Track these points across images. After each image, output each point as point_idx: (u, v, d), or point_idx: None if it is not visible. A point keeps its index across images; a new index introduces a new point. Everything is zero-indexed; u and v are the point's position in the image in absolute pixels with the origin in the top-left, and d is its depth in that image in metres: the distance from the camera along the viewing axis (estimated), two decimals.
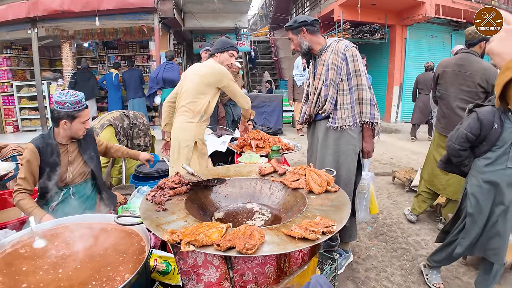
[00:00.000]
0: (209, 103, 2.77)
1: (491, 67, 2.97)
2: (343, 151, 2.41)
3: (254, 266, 1.41)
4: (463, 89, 3.04)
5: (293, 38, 2.45)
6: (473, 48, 3.06)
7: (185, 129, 2.74)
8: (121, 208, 2.53)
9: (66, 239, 1.80)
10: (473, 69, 2.97)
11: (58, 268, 1.53)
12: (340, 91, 2.36)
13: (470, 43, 3.06)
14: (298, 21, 2.38)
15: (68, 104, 2.18)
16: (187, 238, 1.21)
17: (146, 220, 1.45)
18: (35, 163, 2.24)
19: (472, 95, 2.99)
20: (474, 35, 3.00)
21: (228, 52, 2.91)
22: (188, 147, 2.73)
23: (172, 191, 1.76)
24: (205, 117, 2.80)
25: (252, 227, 1.29)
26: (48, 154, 2.26)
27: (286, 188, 1.89)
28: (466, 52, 3.08)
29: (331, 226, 1.29)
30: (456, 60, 3.12)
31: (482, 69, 2.95)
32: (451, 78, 3.13)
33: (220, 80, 2.78)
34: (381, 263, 2.81)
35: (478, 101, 2.97)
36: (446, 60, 3.28)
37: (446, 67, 3.19)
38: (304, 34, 2.40)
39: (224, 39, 3.02)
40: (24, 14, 7.23)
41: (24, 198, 2.20)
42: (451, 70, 3.14)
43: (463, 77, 3.03)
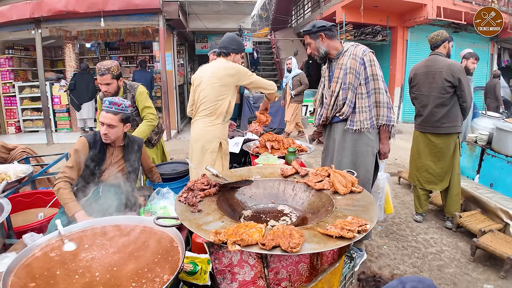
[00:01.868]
0: (230, 102, 2.84)
1: (455, 63, 3.26)
2: (361, 152, 2.48)
3: (289, 264, 1.48)
4: (433, 87, 3.30)
5: (311, 42, 2.51)
6: (437, 49, 3.37)
7: (209, 132, 2.81)
8: (142, 210, 2.58)
9: (96, 242, 1.78)
10: (439, 67, 3.26)
11: (94, 272, 1.51)
12: (359, 94, 2.43)
13: (435, 46, 3.38)
14: (317, 26, 2.45)
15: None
16: (232, 238, 1.28)
17: (185, 221, 1.50)
18: (82, 155, 2.35)
19: (440, 90, 3.25)
20: (437, 38, 3.34)
21: (241, 54, 2.95)
22: (213, 149, 2.80)
23: (203, 192, 1.82)
24: (228, 117, 2.88)
25: (290, 227, 1.35)
26: (96, 150, 2.39)
27: (310, 189, 1.96)
28: (433, 54, 3.39)
29: (364, 225, 1.36)
30: (425, 62, 3.44)
31: (447, 65, 3.22)
32: (422, 79, 3.41)
33: (240, 79, 2.82)
34: (394, 261, 2.89)
35: (447, 95, 3.22)
36: (416, 64, 3.61)
37: (417, 70, 3.49)
38: (323, 39, 2.47)
39: (236, 38, 2.96)
40: (28, 14, 7.23)
41: (66, 188, 2.25)
42: (420, 72, 3.43)
43: (432, 76, 3.31)
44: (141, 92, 3.24)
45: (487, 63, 11.16)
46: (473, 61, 4.30)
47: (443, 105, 3.25)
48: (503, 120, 3.95)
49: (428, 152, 3.43)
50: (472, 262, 2.86)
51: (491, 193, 3.53)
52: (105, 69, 3.00)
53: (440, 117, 3.27)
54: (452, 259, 2.91)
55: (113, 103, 2.35)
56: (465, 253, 2.99)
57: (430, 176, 3.45)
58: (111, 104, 2.34)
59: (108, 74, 3.00)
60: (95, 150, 2.38)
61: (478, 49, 9.91)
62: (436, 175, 3.42)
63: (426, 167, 3.45)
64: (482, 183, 3.89)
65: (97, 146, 2.40)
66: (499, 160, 3.68)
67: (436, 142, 3.35)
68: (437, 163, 3.40)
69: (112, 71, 3.02)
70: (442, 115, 3.26)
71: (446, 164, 3.36)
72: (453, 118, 3.27)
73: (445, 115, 3.26)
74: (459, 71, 3.17)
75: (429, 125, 3.36)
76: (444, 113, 3.26)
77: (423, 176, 3.50)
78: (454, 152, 3.35)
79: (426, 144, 3.43)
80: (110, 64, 3.04)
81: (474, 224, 3.17)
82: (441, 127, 3.29)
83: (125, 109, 2.41)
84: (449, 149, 3.33)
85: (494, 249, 2.68)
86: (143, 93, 3.25)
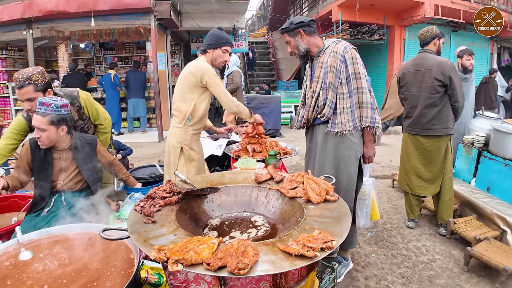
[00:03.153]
0: (195, 105, 2.61)
1: (446, 61, 3.07)
2: (344, 156, 2.32)
3: (249, 282, 1.32)
4: (422, 86, 3.13)
5: (290, 40, 2.36)
6: (427, 46, 3.20)
7: (172, 134, 2.69)
8: (112, 216, 2.43)
9: (53, 252, 1.72)
10: (428, 65, 3.08)
11: (43, 284, 1.45)
12: (340, 94, 2.27)
13: (424, 43, 3.21)
14: (295, 23, 2.30)
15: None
16: (175, 256, 1.12)
17: (133, 234, 1.36)
18: (25, 159, 2.23)
19: (430, 90, 3.08)
20: (426, 35, 3.16)
21: (221, 48, 2.62)
22: (175, 153, 2.66)
23: (163, 201, 1.67)
24: (193, 120, 2.65)
25: (246, 243, 1.20)
26: (40, 154, 2.23)
27: (283, 196, 1.80)
28: (422, 51, 3.22)
29: (330, 242, 1.20)
30: (413, 61, 3.26)
31: (436, 63, 3.04)
32: (411, 78, 3.23)
33: (202, 79, 2.54)
34: (381, 270, 2.73)
35: (437, 95, 3.05)
36: (405, 63, 3.44)
37: (405, 69, 3.30)
38: (302, 36, 2.32)
39: (216, 32, 2.65)
40: (19, 15, 7.16)
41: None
42: (409, 71, 3.24)
43: (421, 75, 3.13)
44: (85, 99, 2.70)
45: (486, 62, 10.98)
46: (468, 57, 4.13)
47: (433, 106, 3.09)
48: (501, 121, 3.77)
49: (418, 156, 3.26)
50: (466, 272, 2.69)
51: (487, 198, 3.36)
52: (24, 79, 2.24)
53: (430, 118, 3.11)
54: (445, 268, 2.74)
55: (42, 103, 2.09)
56: (458, 262, 2.82)
57: (420, 180, 3.29)
58: (40, 105, 2.10)
59: (29, 85, 2.26)
60: (39, 154, 2.23)
61: (477, 48, 9.75)
62: (426, 179, 3.25)
63: (416, 171, 3.29)
64: (479, 187, 3.72)
65: (41, 150, 2.22)
66: (496, 163, 3.51)
67: (426, 145, 3.19)
68: (427, 167, 3.23)
69: (35, 80, 2.28)
70: (432, 116, 3.10)
71: (436, 168, 3.20)
72: (444, 119, 3.10)
73: (435, 116, 3.09)
74: (450, 69, 3.00)
75: (418, 126, 3.20)
76: (434, 114, 3.09)
77: (412, 180, 3.34)
78: (446, 155, 3.18)
79: (416, 147, 3.27)
80: (32, 72, 2.30)
81: (469, 231, 3.00)
82: (431, 129, 3.12)
83: (56, 110, 2.13)
84: (439, 152, 3.16)
85: (489, 259, 2.51)
86: (88, 99, 2.72)
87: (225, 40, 2.62)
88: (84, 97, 2.68)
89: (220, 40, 2.60)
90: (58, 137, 2.20)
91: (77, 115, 2.65)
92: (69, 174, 2.31)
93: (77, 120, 2.68)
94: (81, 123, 2.72)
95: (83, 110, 2.67)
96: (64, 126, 2.20)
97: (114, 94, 8.78)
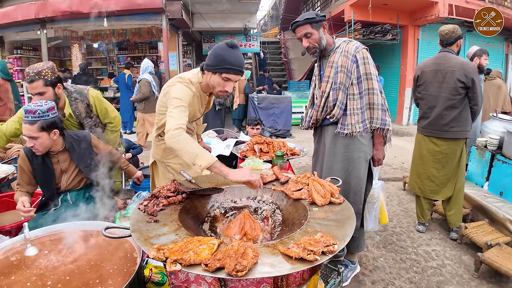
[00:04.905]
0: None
1: (468, 62, 2.99)
2: (353, 158, 2.28)
3: (249, 284, 1.31)
4: (443, 87, 3.02)
5: (313, 32, 2.20)
6: (450, 47, 3.08)
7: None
8: (119, 214, 2.45)
9: (57, 248, 1.75)
10: (450, 65, 2.98)
11: (46, 280, 1.48)
12: (350, 95, 2.23)
13: (447, 43, 3.08)
14: (320, 15, 2.20)
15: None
16: (174, 255, 1.11)
17: (135, 232, 1.36)
18: (25, 169, 2.21)
19: (451, 91, 2.97)
20: (451, 35, 3.03)
21: (221, 75, 1.95)
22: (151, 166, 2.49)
23: (167, 200, 1.67)
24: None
25: (246, 244, 1.19)
26: (38, 161, 2.20)
27: (288, 198, 1.78)
28: (444, 51, 3.10)
29: (332, 245, 1.18)
30: (434, 60, 3.14)
31: (459, 64, 2.94)
32: (430, 78, 3.12)
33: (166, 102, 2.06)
34: (389, 275, 2.68)
35: (458, 97, 2.94)
36: (424, 61, 3.30)
37: (425, 68, 3.19)
38: (325, 29, 2.24)
39: (220, 51, 1.94)
40: (33, 15, 7.24)
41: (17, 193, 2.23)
42: (429, 70, 3.13)
43: (442, 75, 3.02)
44: (95, 97, 2.70)
45: (502, 63, 10.70)
46: (486, 57, 4.02)
47: (454, 108, 2.99)
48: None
49: (432, 158, 3.17)
50: (476, 278, 2.62)
51: (500, 202, 3.26)
52: (34, 74, 2.29)
53: (449, 120, 3.00)
54: (454, 274, 2.68)
55: (28, 111, 2.01)
56: (469, 268, 2.75)
57: (432, 184, 3.20)
58: (26, 113, 2.02)
59: (39, 80, 2.31)
60: (37, 161, 2.19)
61: (492, 49, 9.49)
62: (439, 183, 3.17)
63: (428, 174, 3.20)
64: (492, 191, 3.62)
65: (38, 157, 2.19)
66: (510, 167, 3.41)
67: (442, 148, 3.09)
68: (440, 170, 3.14)
69: (45, 75, 2.33)
70: (452, 118, 2.99)
71: (450, 171, 3.11)
72: (463, 122, 3.00)
73: (454, 118, 2.99)
74: (473, 71, 2.90)
75: (436, 128, 3.09)
76: (454, 116, 2.99)
77: (425, 184, 3.25)
78: (460, 158, 3.10)
79: (430, 149, 3.17)
80: (42, 66, 2.33)
81: (481, 236, 2.92)
82: (449, 131, 3.02)
83: (43, 115, 2.05)
84: (455, 155, 3.08)
85: (499, 265, 2.44)
86: (97, 97, 2.72)
87: (228, 66, 1.93)
88: (93, 95, 2.69)
89: (221, 64, 1.93)
90: (52, 141, 2.16)
91: (84, 112, 2.67)
92: (70, 174, 2.31)
93: (84, 117, 2.69)
94: (89, 120, 2.73)
95: (92, 108, 2.69)
96: (55, 130, 2.15)
97: (127, 93, 8.86)
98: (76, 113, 2.65)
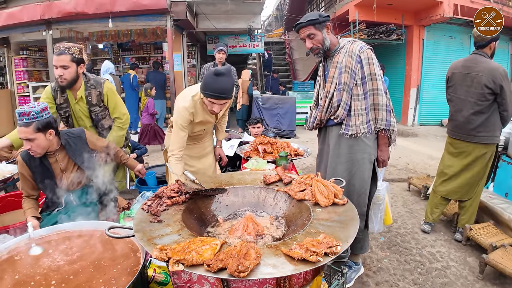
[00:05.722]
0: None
1: (498, 67, 2.88)
2: (357, 160, 2.27)
3: (252, 285, 1.31)
4: (470, 91, 2.95)
5: (316, 33, 2.21)
6: (482, 49, 2.98)
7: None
8: (123, 214, 2.46)
9: (61, 248, 1.76)
10: (479, 70, 2.90)
11: (50, 280, 1.49)
12: (354, 96, 2.21)
13: (480, 45, 2.98)
14: (323, 16, 2.20)
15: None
16: (177, 256, 1.12)
17: (138, 232, 1.37)
18: (25, 175, 2.21)
19: (479, 96, 2.90)
20: (484, 37, 2.92)
21: (207, 99, 2.32)
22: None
23: (170, 200, 1.67)
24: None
25: (249, 245, 1.19)
26: (36, 163, 2.20)
27: (291, 198, 1.78)
28: (475, 53, 3.01)
29: (335, 247, 1.17)
30: (464, 62, 3.05)
31: (488, 69, 2.86)
32: (459, 80, 3.05)
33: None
34: (393, 276, 2.67)
35: (486, 103, 2.87)
36: (455, 62, 3.20)
37: (455, 70, 3.11)
38: (328, 30, 2.24)
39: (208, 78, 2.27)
40: (39, 16, 7.29)
41: (24, 202, 2.22)
42: (459, 72, 3.06)
43: (470, 79, 2.95)
44: (109, 88, 2.83)
45: (507, 64, 10.61)
46: None
47: (481, 113, 2.91)
48: None
49: (459, 161, 3.11)
50: (481, 280, 2.59)
51: (505, 204, 3.24)
52: (64, 48, 2.54)
53: (476, 125, 2.93)
54: (459, 276, 2.66)
55: (22, 113, 2.01)
56: (473, 269, 2.73)
57: (456, 187, 3.14)
58: (20, 116, 2.01)
59: (67, 54, 2.54)
60: (35, 164, 2.19)
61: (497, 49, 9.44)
62: (463, 185, 3.11)
63: (452, 175, 3.15)
64: (497, 192, 3.59)
65: (35, 160, 2.19)
66: None
67: (470, 151, 3.02)
68: (466, 174, 3.08)
69: (73, 52, 2.56)
70: (479, 124, 2.92)
71: (475, 175, 3.05)
72: (491, 127, 2.92)
73: (482, 123, 2.92)
74: (502, 77, 2.81)
75: (463, 132, 3.02)
76: (481, 122, 2.92)
77: (446, 183, 3.20)
78: (487, 163, 3.04)
79: (458, 153, 3.11)
80: (72, 45, 2.59)
81: (486, 237, 2.90)
82: (476, 136, 2.95)
83: (38, 116, 2.05)
84: (483, 159, 3.00)
85: (504, 267, 2.42)
86: (111, 89, 2.85)
87: (210, 92, 2.25)
88: (108, 86, 2.84)
89: (206, 90, 2.28)
90: (48, 142, 2.15)
91: (95, 100, 2.78)
92: (70, 173, 2.31)
93: (94, 105, 2.79)
94: (97, 109, 2.81)
95: (103, 98, 2.82)
96: (51, 130, 2.14)
97: (132, 94, 8.90)
98: (88, 98, 2.77)
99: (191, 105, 2.46)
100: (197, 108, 2.50)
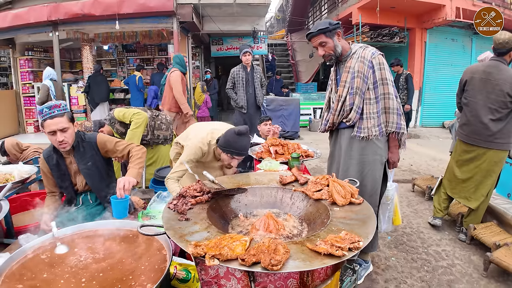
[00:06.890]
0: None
1: None
2: (369, 161, 2.36)
3: (277, 279, 1.39)
4: (490, 97, 2.97)
5: (327, 41, 2.31)
6: (503, 56, 3.00)
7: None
8: (141, 214, 2.54)
9: (87, 246, 1.79)
10: (502, 78, 2.92)
11: (80, 278, 1.51)
12: (367, 100, 2.31)
13: (500, 52, 2.98)
14: (333, 24, 2.29)
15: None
16: (212, 251, 1.20)
17: (169, 230, 1.45)
18: (45, 171, 2.31)
19: (500, 104, 2.93)
20: (505, 45, 2.94)
21: (227, 155, 2.48)
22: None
23: (194, 199, 1.75)
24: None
25: (277, 241, 1.27)
26: (53, 163, 2.29)
27: (308, 198, 1.87)
28: (496, 60, 3.02)
29: (357, 242, 1.26)
30: (485, 68, 3.05)
31: (511, 77, 2.89)
32: (479, 85, 3.06)
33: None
34: (401, 274, 2.75)
35: (506, 110, 2.91)
36: (474, 66, 3.22)
37: (474, 74, 3.11)
38: (339, 37, 2.33)
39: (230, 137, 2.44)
40: (46, 17, 7.35)
41: (46, 199, 2.33)
42: (479, 77, 3.06)
43: (491, 85, 2.97)
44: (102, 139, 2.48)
45: (510, 66, 10.73)
46: None
47: (499, 120, 2.95)
48: None
49: (470, 166, 3.16)
50: (485, 277, 2.69)
51: (508, 204, 3.33)
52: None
53: (494, 132, 2.97)
54: (464, 273, 2.75)
55: (54, 106, 2.12)
56: (478, 267, 2.82)
57: (465, 191, 3.21)
58: (52, 109, 2.10)
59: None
60: (52, 162, 2.28)
61: None
62: (472, 190, 3.17)
63: (461, 180, 3.22)
64: (499, 192, 3.68)
65: (53, 158, 2.28)
66: None
67: (485, 157, 3.07)
68: (476, 179, 3.14)
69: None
70: (497, 130, 2.96)
71: (486, 181, 3.10)
72: (507, 133, 2.98)
73: (500, 130, 2.96)
74: None
75: (481, 138, 3.05)
76: (500, 128, 2.96)
77: (458, 187, 3.27)
78: (500, 169, 3.10)
79: (471, 157, 3.15)
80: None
81: (489, 236, 2.99)
82: (493, 142, 2.99)
83: (66, 108, 2.20)
84: (495, 165, 3.06)
85: (508, 264, 2.51)
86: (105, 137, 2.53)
87: (233, 150, 2.44)
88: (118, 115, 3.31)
89: (228, 148, 2.44)
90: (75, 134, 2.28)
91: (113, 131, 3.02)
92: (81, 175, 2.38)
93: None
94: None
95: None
96: (76, 122, 2.31)
97: (138, 95, 8.98)
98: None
99: (205, 149, 2.64)
100: (209, 152, 2.69)
